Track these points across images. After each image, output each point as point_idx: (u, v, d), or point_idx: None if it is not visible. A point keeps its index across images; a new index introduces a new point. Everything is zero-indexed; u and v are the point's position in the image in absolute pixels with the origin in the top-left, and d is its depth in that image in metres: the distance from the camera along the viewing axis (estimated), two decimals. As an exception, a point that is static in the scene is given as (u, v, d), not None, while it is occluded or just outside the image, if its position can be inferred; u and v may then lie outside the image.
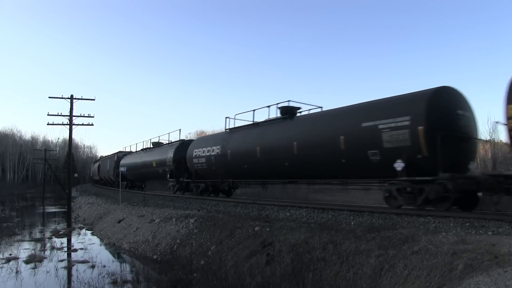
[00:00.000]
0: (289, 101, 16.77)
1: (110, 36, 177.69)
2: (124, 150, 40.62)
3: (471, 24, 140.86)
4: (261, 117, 19.22)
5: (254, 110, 18.82)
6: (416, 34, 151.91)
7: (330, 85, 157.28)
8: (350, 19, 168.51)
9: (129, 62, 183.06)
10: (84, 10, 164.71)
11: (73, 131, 26.39)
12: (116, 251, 16.25)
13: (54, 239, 19.33)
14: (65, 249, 16.95)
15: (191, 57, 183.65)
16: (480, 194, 10.58)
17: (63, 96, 26.15)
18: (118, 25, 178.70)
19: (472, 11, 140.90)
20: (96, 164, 59.76)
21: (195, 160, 21.11)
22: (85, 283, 10.45)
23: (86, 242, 18.39)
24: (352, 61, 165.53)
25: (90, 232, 22.03)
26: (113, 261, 14.28)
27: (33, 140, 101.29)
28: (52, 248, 16.91)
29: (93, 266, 13.09)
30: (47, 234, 21.14)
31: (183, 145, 24.42)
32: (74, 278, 11.96)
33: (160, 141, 30.97)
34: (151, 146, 31.42)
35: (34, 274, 12.51)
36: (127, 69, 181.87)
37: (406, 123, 10.70)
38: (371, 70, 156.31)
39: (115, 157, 40.22)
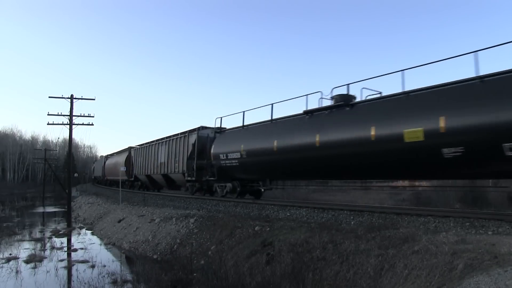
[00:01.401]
0: None
1: (110, 35, 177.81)
2: (204, 126, 22.66)
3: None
4: None
5: None
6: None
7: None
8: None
9: (129, 61, 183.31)
10: (84, 8, 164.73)
11: (73, 130, 26.36)
12: (116, 251, 16.25)
13: (54, 239, 19.33)
14: (65, 248, 16.95)
15: (194, 54, 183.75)
16: None
17: (63, 96, 26.14)
18: (119, 23, 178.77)
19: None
20: (114, 159, 43.36)
21: None
22: (85, 283, 10.45)
23: (86, 242, 18.38)
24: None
25: (90, 232, 22.02)
26: (113, 261, 14.28)
27: (33, 140, 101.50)
28: (52, 248, 16.90)
29: (93, 266, 13.09)
30: (47, 234, 21.15)
31: None
32: (74, 277, 11.96)
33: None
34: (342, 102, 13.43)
35: (34, 274, 12.51)
36: (128, 68, 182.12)
37: None
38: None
39: (191, 137, 22.79)
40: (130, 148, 38.26)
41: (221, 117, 20.44)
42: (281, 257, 9.14)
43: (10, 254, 15.06)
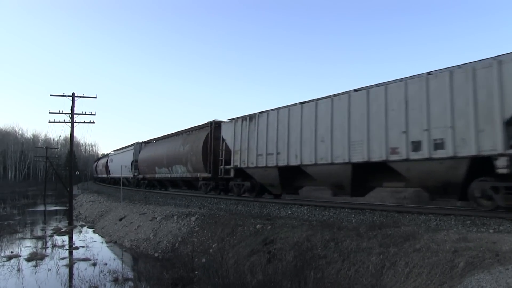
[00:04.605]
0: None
1: (112, 33, 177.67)
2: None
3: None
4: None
5: None
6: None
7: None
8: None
9: (131, 59, 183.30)
10: (85, 5, 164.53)
11: (74, 129, 26.31)
12: (118, 249, 16.28)
13: (56, 237, 19.36)
14: (67, 247, 16.98)
15: (196, 52, 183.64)
16: None
17: (64, 94, 26.09)
18: (121, 21, 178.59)
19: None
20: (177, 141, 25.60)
21: None
22: (86, 281, 10.47)
23: (88, 240, 18.41)
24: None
25: (92, 230, 22.05)
26: (114, 259, 14.32)
27: (35, 138, 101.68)
28: (54, 246, 16.94)
29: (94, 264, 13.13)
30: (49, 232, 21.18)
31: None
32: (75, 276, 11.98)
33: None
34: None
35: (36, 272, 12.55)
36: (130, 66, 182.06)
37: None
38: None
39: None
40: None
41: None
42: (282, 255, 9.14)
43: (12, 252, 15.10)
